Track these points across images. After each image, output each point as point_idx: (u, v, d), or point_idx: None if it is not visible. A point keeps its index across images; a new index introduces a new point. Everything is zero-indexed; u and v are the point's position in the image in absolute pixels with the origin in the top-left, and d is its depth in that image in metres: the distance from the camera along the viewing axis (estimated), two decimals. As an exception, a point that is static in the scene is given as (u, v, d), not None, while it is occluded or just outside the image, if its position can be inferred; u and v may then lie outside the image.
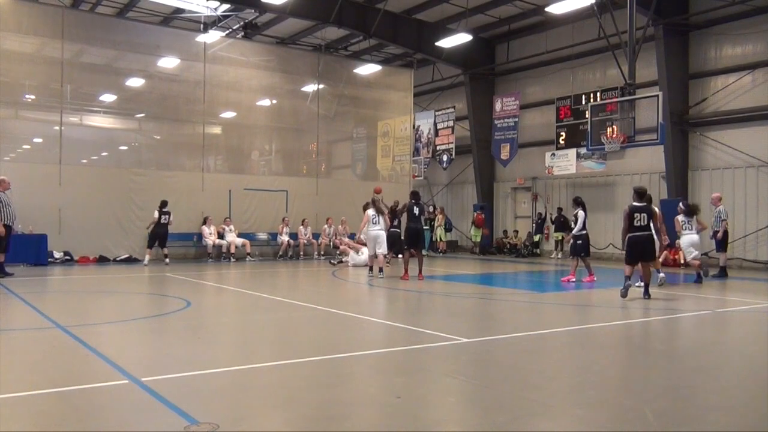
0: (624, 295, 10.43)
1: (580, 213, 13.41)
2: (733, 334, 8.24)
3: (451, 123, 25.87)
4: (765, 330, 8.42)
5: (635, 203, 10.69)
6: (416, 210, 13.77)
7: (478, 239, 24.00)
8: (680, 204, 14.07)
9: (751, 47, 17.68)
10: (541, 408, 4.60)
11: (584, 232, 13.41)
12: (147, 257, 17.21)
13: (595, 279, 13.36)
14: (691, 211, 13.61)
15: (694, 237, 13.54)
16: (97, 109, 20.80)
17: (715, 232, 14.97)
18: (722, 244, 14.92)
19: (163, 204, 17.31)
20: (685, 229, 13.54)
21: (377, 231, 13.98)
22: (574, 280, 13.34)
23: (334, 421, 4.25)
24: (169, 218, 17.27)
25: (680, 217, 13.65)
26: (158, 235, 17.17)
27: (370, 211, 14.11)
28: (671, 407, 4.63)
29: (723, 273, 14.74)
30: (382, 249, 14.06)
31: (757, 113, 17.36)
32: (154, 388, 4.75)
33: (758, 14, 17.17)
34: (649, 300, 10.39)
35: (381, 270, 14.10)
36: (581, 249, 13.35)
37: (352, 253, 17.80)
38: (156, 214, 17.14)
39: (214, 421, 4.01)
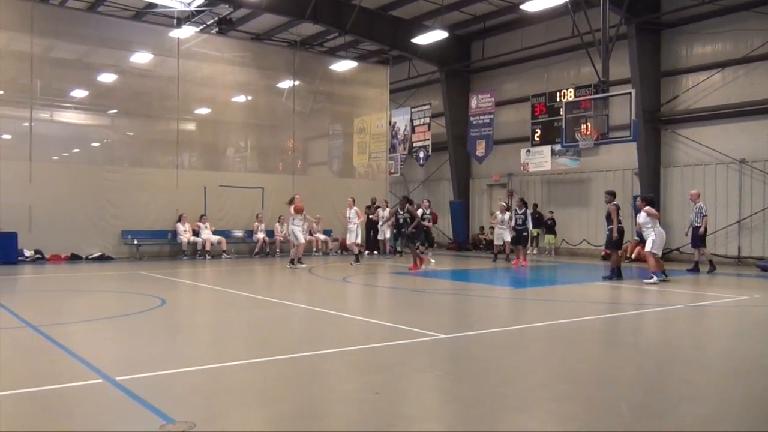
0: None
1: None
2: (702, 328, 8.39)
3: (427, 120, 25.93)
4: (733, 323, 8.61)
5: (617, 202, 13.17)
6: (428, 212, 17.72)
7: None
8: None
9: (721, 46, 17.99)
10: (516, 402, 4.64)
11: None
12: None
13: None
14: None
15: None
16: (68, 105, 20.43)
17: (696, 228, 15.13)
18: (703, 239, 15.15)
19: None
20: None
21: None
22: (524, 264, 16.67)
23: (312, 418, 4.25)
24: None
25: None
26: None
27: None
28: (644, 400, 4.71)
29: (711, 267, 15.00)
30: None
31: (727, 111, 17.68)
32: (128, 387, 4.70)
33: (728, 13, 17.46)
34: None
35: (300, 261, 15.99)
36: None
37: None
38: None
39: (190, 419, 3.98)
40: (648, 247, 12.56)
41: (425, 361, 5.95)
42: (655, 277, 12.37)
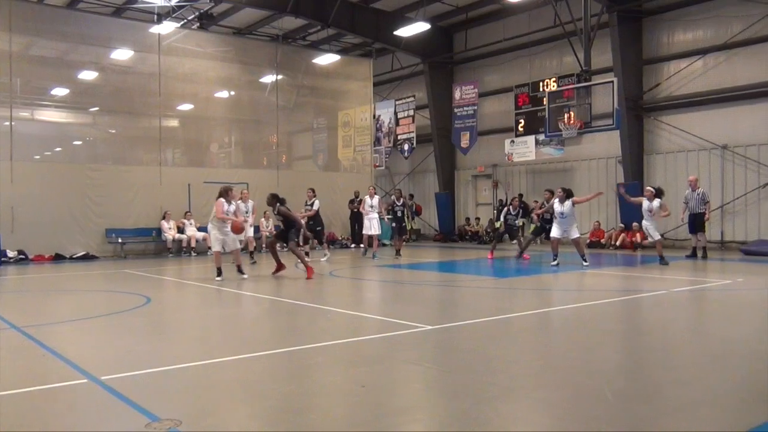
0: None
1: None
2: (686, 313, 8.48)
3: (411, 112, 25.91)
4: (715, 308, 8.69)
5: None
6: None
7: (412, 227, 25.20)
8: (648, 188, 14.20)
9: (702, 33, 18.11)
10: (503, 391, 4.67)
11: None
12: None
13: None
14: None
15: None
16: (48, 103, 20.25)
17: (698, 215, 15.12)
18: (703, 226, 15.25)
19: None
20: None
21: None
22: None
23: (299, 412, 4.24)
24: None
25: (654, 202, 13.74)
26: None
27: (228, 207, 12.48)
28: (629, 385, 4.77)
29: (704, 254, 15.06)
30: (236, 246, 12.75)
31: (708, 97, 17.83)
32: (114, 387, 4.67)
33: (708, 0, 17.58)
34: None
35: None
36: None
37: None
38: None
39: (176, 417, 3.96)
40: (577, 234, 13.83)
41: (412, 352, 5.96)
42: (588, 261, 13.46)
